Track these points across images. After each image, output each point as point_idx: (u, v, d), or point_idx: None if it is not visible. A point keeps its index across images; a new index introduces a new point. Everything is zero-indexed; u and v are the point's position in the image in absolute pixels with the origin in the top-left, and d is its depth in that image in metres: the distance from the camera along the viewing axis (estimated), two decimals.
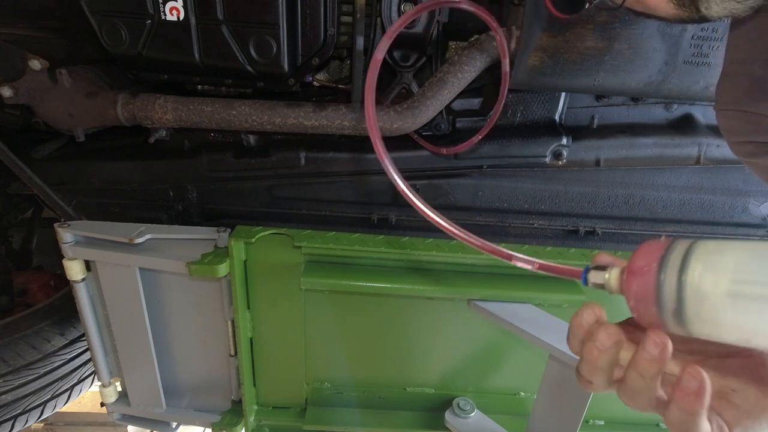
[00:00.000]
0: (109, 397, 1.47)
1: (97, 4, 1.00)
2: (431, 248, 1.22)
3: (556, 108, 1.25)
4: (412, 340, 1.40)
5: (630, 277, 0.37)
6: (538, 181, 1.29)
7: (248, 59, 1.06)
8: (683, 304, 0.34)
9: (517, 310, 1.21)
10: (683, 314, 0.34)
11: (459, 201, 1.29)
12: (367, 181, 1.29)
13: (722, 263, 0.33)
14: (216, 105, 1.13)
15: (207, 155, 1.29)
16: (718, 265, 0.33)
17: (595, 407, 1.45)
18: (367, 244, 1.22)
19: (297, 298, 1.31)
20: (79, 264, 1.25)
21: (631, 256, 0.38)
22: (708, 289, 0.33)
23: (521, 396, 1.49)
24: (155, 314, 1.32)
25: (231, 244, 1.18)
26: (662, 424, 1.52)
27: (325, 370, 1.45)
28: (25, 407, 1.52)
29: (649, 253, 0.37)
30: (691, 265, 0.34)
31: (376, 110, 1.14)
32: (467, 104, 1.29)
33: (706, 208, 1.32)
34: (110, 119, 1.16)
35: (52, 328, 1.47)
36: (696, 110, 1.28)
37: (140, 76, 1.14)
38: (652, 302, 0.35)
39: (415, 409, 1.47)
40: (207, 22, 1.02)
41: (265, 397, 1.49)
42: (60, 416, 3.64)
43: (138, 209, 1.36)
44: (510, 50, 1.07)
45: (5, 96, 1.12)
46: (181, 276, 1.26)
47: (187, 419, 1.49)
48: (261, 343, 1.38)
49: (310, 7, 1.06)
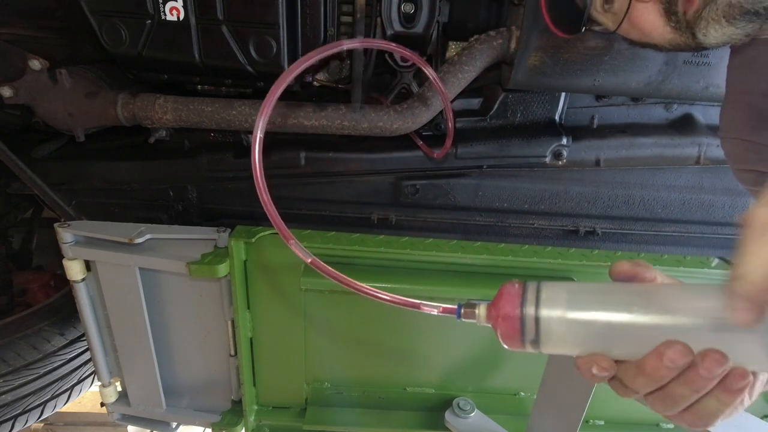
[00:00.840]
0: (109, 397, 1.47)
1: (97, 4, 1.00)
2: (431, 248, 1.22)
3: (556, 108, 1.25)
4: (412, 340, 1.39)
5: (498, 320, 0.49)
6: (538, 181, 1.29)
7: (248, 59, 1.05)
8: (539, 334, 0.47)
9: None
10: (539, 341, 0.47)
11: (459, 201, 1.30)
12: (367, 181, 1.29)
13: (558, 300, 0.47)
14: (216, 105, 1.13)
15: (207, 155, 1.29)
16: (556, 302, 0.47)
17: (595, 407, 1.45)
18: (367, 244, 1.22)
19: (297, 298, 1.31)
20: (79, 264, 1.25)
21: (495, 299, 0.50)
22: (553, 324, 0.47)
23: (521, 396, 1.49)
24: (155, 314, 1.32)
25: (231, 244, 1.18)
26: (662, 424, 1.52)
27: (325, 370, 1.45)
28: (25, 407, 1.52)
29: (510, 299, 0.49)
30: (541, 306, 0.47)
31: (376, 110, 1.14)
32: (467, 104, 1.29)
33: (706, 208, 1.32)
34: (110, 119, 1.16)
35: (52, 328, 1.47)
36: (696, 110, 1.28)
37: (140, 76, 1.14)
38: (517, 335, 0.48)
39: (415, 409, 1.47)
40: (207, 22, 1.02)
41: (265, 397, 1.48)
42: (60, 416, 3.65)
43: (138, 209, 1.36)
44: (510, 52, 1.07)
45: (5, 96, 1.12)
46: (181, 276, 1.26)
47: (187, 419, 1.49)
48: (261, 343, 1.38)
49: (310, 7, 1.06)
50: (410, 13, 1.08)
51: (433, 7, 1.08)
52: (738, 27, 0.55)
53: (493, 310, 0.50)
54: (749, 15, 0.53)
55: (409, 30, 1.10)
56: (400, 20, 1.09)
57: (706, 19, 0.55)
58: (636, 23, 0.61)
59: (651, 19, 0.59)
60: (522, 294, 0.48)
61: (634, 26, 0.62)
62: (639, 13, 0.60)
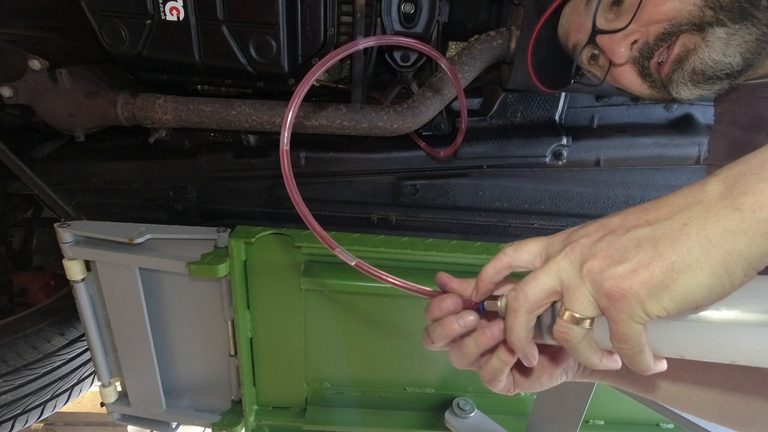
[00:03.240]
0: (109, 397, 1.47)
1: (97, 4, 1.00)
2: (431, 248, 1.22)
3: (556, 108, 1.25)
4: (412, 340, 1.39)
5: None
6: (538, 181, 1.29)
7: (248, 59, 1.05)
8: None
9: None
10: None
11: (459, 201, 1.29)
12: (367, 181, 1.29)
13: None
14: (216, 105, 1.13)
15: (207, 155, 1.29)
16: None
17: (595, 407, 1.45)
18: (367, 244, 1.22)
19: (297, 298, 1.31)
20: (79, 264, 1.25)
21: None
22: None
23: (521, 396, 1.49)
24: (155, 314, 1.32)
25: (231, 244, 1.18)
26: (662, 424, 1.52)
27: (325, 370, 1.45)
28: (25, 407, 1.52)
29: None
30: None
31: (376, 110, 1.14)
32: (467, 104, 1.28)
33: None
34: (110, 119, 1.16)
35: (52, 328, 1.47)
36: (696, 110, 1.28)
37: (140, 76, 1.14)
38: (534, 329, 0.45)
39: (415, 409, 1.47)
40: (207, 22, 1.02)
41: (265, 397, 1.49)
42: (60, 416, 3.65)
43: (138, 209, 1.36)
44: (510, 52, 1.07)
45: (5, 96, 1.12)
46: (181, 276, 1.26)
47: (187, 419, 1.49)
48: (261, 343, 1.38)
49: (310, 7, 1.06)
50: (410, 13, 1.08)
51: (433, 7, 1.08)
52: (704, 89, 0.62)
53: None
54: (712, 80, 0.60)
55: (409, 30, 1.10)
56: (400, 20, 1.09)
57: (676, 81, 0.62)
58: (617, 80, 0.68)
59: (629, 77, 0.66)
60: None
61: (616, 82, 0.69)
62: (618, 72, 0.67)
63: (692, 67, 0.60)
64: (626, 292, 0.35)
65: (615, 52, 0.64)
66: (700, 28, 0.58)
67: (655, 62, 0.62)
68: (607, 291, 0.36)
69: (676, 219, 0.35)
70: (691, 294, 0.34)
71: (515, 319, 0.42)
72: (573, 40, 0.71)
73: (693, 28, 0.58)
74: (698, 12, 0.57)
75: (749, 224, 0.32)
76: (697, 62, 0.59)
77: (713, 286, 0.33)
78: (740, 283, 0.34)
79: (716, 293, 0.34)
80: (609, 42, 0.64)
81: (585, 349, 0.40)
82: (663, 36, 0.60)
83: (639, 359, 0.38)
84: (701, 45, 0.58)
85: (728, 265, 0.33)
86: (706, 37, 0.58)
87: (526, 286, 0.41)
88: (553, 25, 0.74)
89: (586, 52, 0.69)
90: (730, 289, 0.34)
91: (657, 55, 0.62)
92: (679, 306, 0.34)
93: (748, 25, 0.56)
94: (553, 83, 0.81)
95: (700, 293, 0.34)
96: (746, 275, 0.33)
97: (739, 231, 0.32)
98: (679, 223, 0.35)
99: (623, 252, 0.36)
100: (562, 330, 0.39)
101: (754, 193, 0.32)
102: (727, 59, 0.58)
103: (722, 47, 0.57)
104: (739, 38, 0.57)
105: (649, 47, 0.61)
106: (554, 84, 0.81)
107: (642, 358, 0.38)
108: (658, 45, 0.61)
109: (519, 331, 0.42)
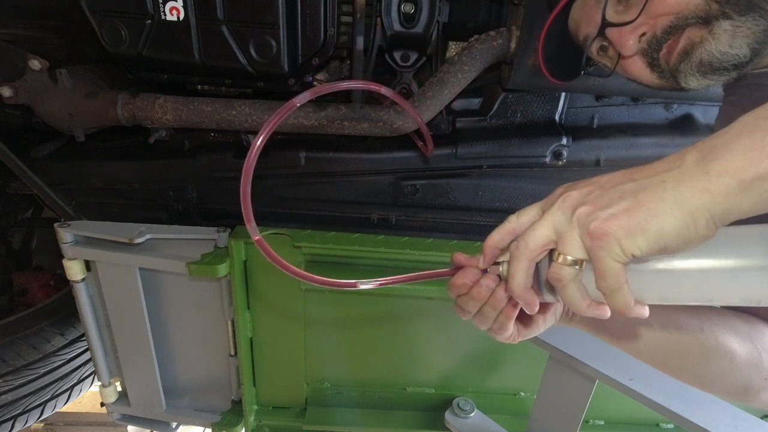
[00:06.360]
0: (109, 397, 1.47)
1: (97, 4, 1.00)
2: (431, 248, 1.22)
3: (556, 108, 1.25)
4: (412, 340, 1.40)
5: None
6: (538, 181, 1.29)
7: (248, 59, 1.05)
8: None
9: None
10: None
11: (459, 201, 1.29)
12: (367, 181, 1.29)
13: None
14: (216, 105, 1.13)
15: (207, 155, 1.29)
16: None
17: (595, 407, 1.45)
18: (367, 244, 1.22)
19: (297, 298, 1.31)
20: (79, 264, 1.25)
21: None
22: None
23: (521, 396, 1.49)
24: (155, 314, 1.32)
25: (231, 244, 1.18)
26: (662, 424, 1.52)
27: (325, 370, 1.45)
28: (25, 407, 1.52)
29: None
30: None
31: (376, 110, 1.14)
32: (467, 104, 1.29)
33: None
34: (110, 119, 1.16)
35: (52, 328, 1.47)
36: (696, 110, 1.28)
37: (140, 76, 1.14)
38: (534, 282, 0.52)
39: (415, 409, 1.47)
40: (207, 22, 1.02)
41: (265, 397, 1.49)
42: (60, 416, 3.64)
43: (138, 209, 1.36)
44: (510, 52, 1.07)
45: (5, 96, 1.12)
46: (181, 276, 1.26)
47: (187, 419, 1.49)
48: (261, 343, 1.38)
49: (310, 7, 1.06)
50: (410, 13, 1.08)
51: (433, 7, 1.08)
52: (712, 79, 0.63)
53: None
54: (720, 71, 0.61)
55: (409, 30, 1.10)
56: (400, 20, 1.09)
57: (684, 72, 0.63)
58: (627, 71, 0.70)
59: (638, 68, 0.68)
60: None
61: (625, 72, 0.71)
62: (628, 63, 0.68)
63: (699, 59, 0.60)
64: (606, 231, 0.41)
65: (624, 44, 0.65)
66: (707, 22, 0.58)
67: (664, 53, 0.63)
68: (591, 231, 0.42)
69: (656, 177, 0.42)
70: (662, 236, 0.40)
71: (517, 265, 0.49)
72: (583, 32, 0.72)
73: (699, 21, 0.59)
74: (704, 5, 0.58)
75: (714, 185, 0.39)
76: (704, 54, 0.60)
77: (680, 231, 0.40)
78: (703, 232, 0.40)
79: (682, 237, 0.40)
80: (618, 34, 0.65)
81: (574, 290, 0.46)
82: (670, 29, 0.61)
83: (618, 297, 0.43)
84: (708, 37, 0.59)
85: (694, 215, 0.39)
86: (713, 30, 0.58)
87: (526, 235, 0.48)
88: (563, 18, 0.75)
89: (595, 44, 0.70)
90: (694, 236, 0.40)
91: (665, 47, 0.63)
92: (651, 245, 0.40)
93: (756, 17, 0.56)
94: (563, 74, 0.82)
95: (670, 236, 0.40)
96: (707, 227, 0.40)
97: (705, 190, 0.39)
98: (659, 180, 0.42)
99: (608, 201, 0.43)
100: (555, 271, 0.45)
101: (721, 161, 0.39)
102: (734, 51, 0.58)
103: (729, 39, 0.58)
104: (746, 30, 0.57)
105: (657, 39, 0.62)
106: (564, 75, 0.82)
107: (621, 295, 0.43)
108: (666, 38, 0.62)
109: (519, 276, 0.49)
